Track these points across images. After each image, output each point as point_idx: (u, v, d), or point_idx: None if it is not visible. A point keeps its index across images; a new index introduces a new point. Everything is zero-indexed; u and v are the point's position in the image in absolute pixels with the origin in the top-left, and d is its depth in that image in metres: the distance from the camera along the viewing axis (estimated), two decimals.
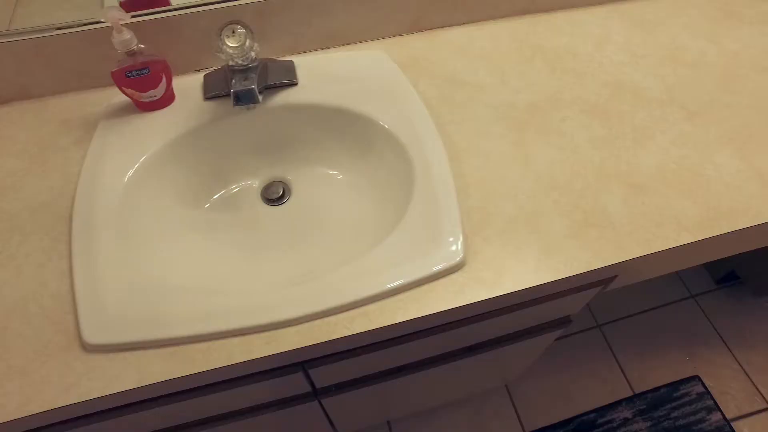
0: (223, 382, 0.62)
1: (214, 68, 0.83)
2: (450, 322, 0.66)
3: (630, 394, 1.38)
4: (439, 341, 0.72)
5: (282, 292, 0.59)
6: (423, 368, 0.81)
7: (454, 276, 0.61)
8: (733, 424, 1.33)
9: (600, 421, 1.33)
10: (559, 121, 0.79)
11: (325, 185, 0.82)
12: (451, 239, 0.62)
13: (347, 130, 0.79)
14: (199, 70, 0.84)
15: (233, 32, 0.66)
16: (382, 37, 0.91)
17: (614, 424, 1.32)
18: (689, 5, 1.00)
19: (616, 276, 0.70)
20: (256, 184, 0.84)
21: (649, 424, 1.32)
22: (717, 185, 0.73)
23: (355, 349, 0.64)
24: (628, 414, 1.34)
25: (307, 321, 0.57)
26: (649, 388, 1.39)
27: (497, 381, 1.16)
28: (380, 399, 0.94)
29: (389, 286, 0.58)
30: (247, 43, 0.68)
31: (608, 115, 0.81)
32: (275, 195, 0.82)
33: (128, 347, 0.56)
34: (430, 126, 0.74)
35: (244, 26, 0.67)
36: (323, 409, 0.86)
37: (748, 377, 1.42)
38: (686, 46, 0.93)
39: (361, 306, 0.58)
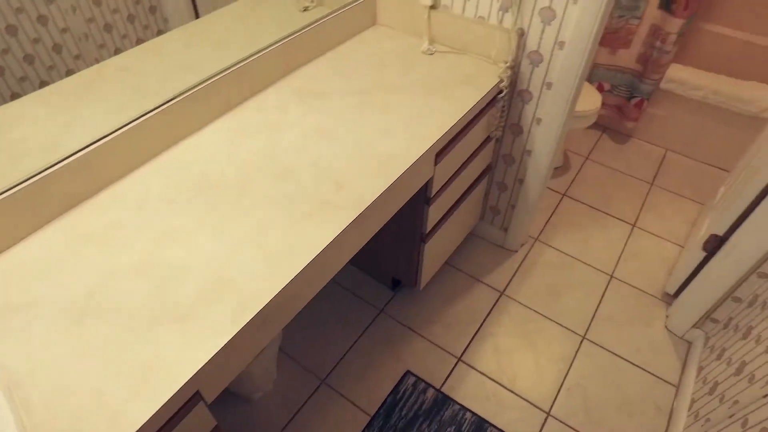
0: None
1: None
2: None
3: (368, 419, 1.60)
4: None
5: None
6: None
7: None
8: (442, 389, 1.64)
9: None
10: (114, 292, 0.93)
11: None
12: None
13: None
14: None
15: None
16: None
17: None
18: (206, 142, 1.25)
19: (197, 392, 0.86)
20: None
21: None
22: (244, 279, 0.94)
23: None
24: None
25: None
26: (379, 404, 1.62)
27: None
28: None
29: None
30: None
31: (153, 270, 0.97)
32: None
33: None
34: None
35: None
36: None
37: (438, 347, 1.75)
38: (212, 172, 1.16)
39: None
